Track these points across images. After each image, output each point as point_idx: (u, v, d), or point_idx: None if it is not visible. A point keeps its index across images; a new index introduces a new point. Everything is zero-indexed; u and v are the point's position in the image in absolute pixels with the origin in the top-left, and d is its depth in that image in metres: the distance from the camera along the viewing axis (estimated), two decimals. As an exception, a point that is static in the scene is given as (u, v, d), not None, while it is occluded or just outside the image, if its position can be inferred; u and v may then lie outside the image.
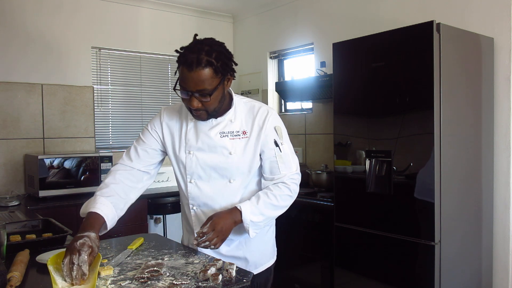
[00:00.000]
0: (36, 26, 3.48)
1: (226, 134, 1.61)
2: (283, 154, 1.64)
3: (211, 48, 1.46)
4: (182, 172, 1.67)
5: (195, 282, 1.29)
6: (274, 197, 1.61)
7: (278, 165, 1.64)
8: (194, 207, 1.69)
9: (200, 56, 1.43)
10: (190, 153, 1.63)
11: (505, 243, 2.65)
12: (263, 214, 1.59)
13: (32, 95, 3.46)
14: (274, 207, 1.62)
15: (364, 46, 2.60)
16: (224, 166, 1.61)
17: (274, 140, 1.63)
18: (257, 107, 1.66)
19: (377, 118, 2.54)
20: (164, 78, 4.24)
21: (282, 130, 1.66)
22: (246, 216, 1.55)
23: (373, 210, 2.56)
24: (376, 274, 2.57)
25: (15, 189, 3.37)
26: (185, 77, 1.45)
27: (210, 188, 1.65)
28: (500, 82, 2.65)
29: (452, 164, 2.36)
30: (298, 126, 3.97)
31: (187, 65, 1.43)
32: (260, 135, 1.62)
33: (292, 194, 1.67)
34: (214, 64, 1.45)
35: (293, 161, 1.69)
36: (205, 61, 1.43)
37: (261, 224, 1.61)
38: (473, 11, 2.73)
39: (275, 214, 1.66)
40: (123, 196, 1.59)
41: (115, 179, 1.61)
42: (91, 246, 1.26)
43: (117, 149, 3.93)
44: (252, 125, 1.63)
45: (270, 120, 1.63)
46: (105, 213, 1.48)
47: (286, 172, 1.65)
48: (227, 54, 1.52)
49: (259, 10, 4.32)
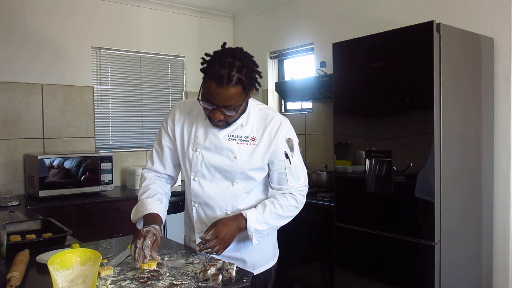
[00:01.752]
0: (36, 26, 3.48)
1: (235, 138, 1.60)
2: (293, 166, 1.64)
3: (242, 64, 1.42)
4: (187, 169, 1.68)
5: (195, 282, 1.29)
6: (280, 207, 1.62)
7: (286, 177, 1.64)
8: (196, 205, 1.70)
9: (231, 73, 1.39)
10: (197, 151, 1.63)
11: (505, 243, 2.65)
12: (267, 223, 1.60)
13: (32, 95, 3.46)
14: (279, 217, 1.63)
15: (364, 46, 2.60)
16: (228, 169, 1.61)
17: (285, 152, 1.63)
18: (270, 116, 1.64)
19: (377, 118, 2.54)
20: (164, 78, 4.23)
21: (293, 143, 1.65)
22: (251, 224, 1.56)
23: (373, 210, 2.56)
24: (376, 274, 2.57)
25: (15, 189, 3.37)
26: (213, 92, 1.42)
27: (213, 188, 1.65)
28: (500, 82, 2.65)
29: (452, 164, 2.35)
30: (298, 126, 3.97)
31: (216, 80, 1.40)
32: (271, 145, 1.61)
33: (298, 206, 1.67)
34: (244, 82, 1.42)
35: (302, 173, 1.69)
36: (236, 79, 1.40)
37: (265, 233, 1.62)
38: (473, 11, 2.73)
39: (279, 224, 1.67)
40: (162, 192, 1.73)
41: (150, 181, 1.74)
42: (155, 234, 1.45)
43: (117, 149, 3.93)
44: (263, 133, 1.61)
45: (283, 132, 1.62)
46: (158, 210, 1.62)
47: (294, 184, 1.66)
48: (256, 68, 1.49)
49: (259, 10, 4.32)
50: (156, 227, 1.49)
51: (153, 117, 4.16)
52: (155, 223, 1.53)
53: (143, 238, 1.41)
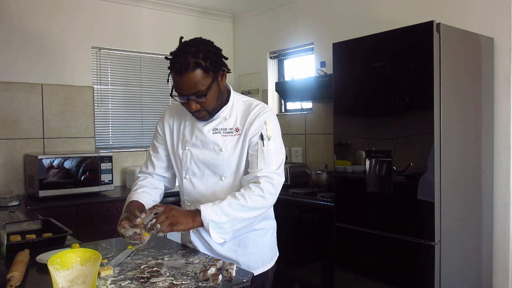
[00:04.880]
0: (36, 26, 3.48)
1: (219, 131, 1.61)
2: (266, 149, 1.56)
3: (196, 48, 1.46)
4: (179, 168, 1.70)
5: (195, 282, 1.29)
6: (242, 197, 1.49)
7: (257, 160, 1.56)
8: (188, 203, 1.70)
9: (187, 59, 1.43)
10: (186, 149, 1.65)
11: (505, 243, 2.65)
12: (227, 215, 1.46)
13: (32, 95, 3.46)
14: (241, 207, 1.49)
15: (364, 46, 2.60)
16: (215, 163, 1.61)
17: (261, 133, 1.58)
18: (254, 105, 1.64)
19: (377, 118, 2.54)
20: (164, 78, 4.23)
21: (272, 126, 1.60)
22: (206, 215, 1.44)
23: (373, 210, 2.56)
24: (376, 274, 2.57)
25: (15, 189, 3.36)
26: (177, 82, 1.47)
27: (203, 185, 1.66)
28: (500, 82, 2.65)
29: (452, 164, 2.35)
30: (298, 126, 3.97)
31: (176, 70, 1.45)
32: (250, 129, 1.60)
33: (264, 195, 1.51)
34: (203, 65, 1.45)
35: (275, 159, 1.58)
36: (193, 63, 1.43)
37: (227, 226, 1.48)
38: (473, 11, 2.73)
39: (245, 216, 1.51)
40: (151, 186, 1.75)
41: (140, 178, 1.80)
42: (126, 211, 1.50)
43: (117, 149, 3.93)
44: (245, 121, 1.61)
45: (263, 115, 1.60)
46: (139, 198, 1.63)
47: (264, 168, 1.55)
48: (215, 50, 1.52)
49: (259, 10, 4.32)
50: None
51: (153, 117, 4.16)
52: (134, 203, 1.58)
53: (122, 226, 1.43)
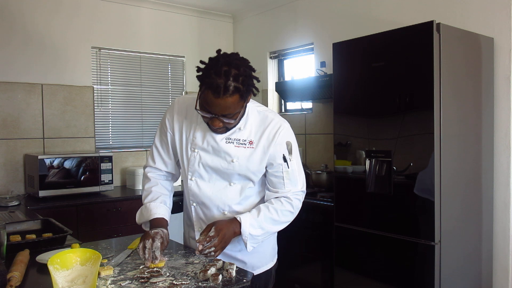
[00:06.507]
0: (36, 26, 3.48)
1: (232, 141, 1.59)
2: (290, 170, 1.62)
3: (238, 71, 1.38)
4: (185, 168, 1.67)
5: (195, 282, 1.29)
6: (275, 212, 1.59)
7: (284, 181, 1.62)
8: (194, 204, 1.70)
9: (227, 82, 1.36)
10: (195, 151, 1.62)
11: (505, 243, 2.65)
12: (262, 228, 1.57)
13: (32, 95, 3.46)
14: (274, 222, 1.60)
15: (364, 46, 2.60)
16: (225, 171, 1.61)
17: (283, 155, 1.60)
18: (269, 119, 1.62)
19: (377, 118, 2.54)
20: (164, 78, 4.23)
21: (292, 146, 1.63)
22: (245, 229, 1.54)
23: (373, 210, 2.56)
24: (376, 274, 2.57)
25: (15, 189, 3.37)
26: (211, 102, 1.40)
27: (210, 189, 1.65)
28: (500, 82, 2.65)
29: (452, 164, 2.35)
30: (298, 126, 3.97)
31: (213, 90, 1.37)
32: (269, 148, 1.59)
33: (293, 211, 1.64)
34: (241, 90, 1.40)
35: (300, 178, 1.66)
36: (233, 88, 1.37)
37: (260, 238, 1.59)
38: (473, 11, 2.73)
39: (274, 229, 1.64)
40: (166, 192, 1.75)
41: (153, 182, 1.74)
42: (163, 237, 1.47)
43: (117, 149, 3.93)
44: (261, 136, 1.59)
45: (282, 134, 1.60)
46: (163, 214, 1.64)
47: (291, 188, 1.63)
48: (252, 74, 1.46)
49: (259, 10, 4.32)
50: (164, 231, 1.52)
51: (153, 117, 4.15)
52: (162, 227, 1.56)
53: (152, 240, 1.43)
